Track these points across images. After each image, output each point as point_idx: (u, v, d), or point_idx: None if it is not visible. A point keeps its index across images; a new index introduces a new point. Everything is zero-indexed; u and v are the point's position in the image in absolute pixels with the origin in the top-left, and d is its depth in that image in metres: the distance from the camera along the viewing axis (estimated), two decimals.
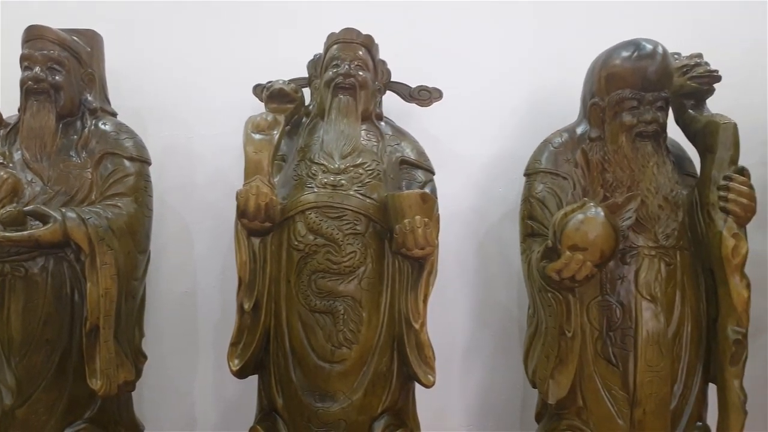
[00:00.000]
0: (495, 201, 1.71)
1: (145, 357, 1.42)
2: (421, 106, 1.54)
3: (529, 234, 1.37)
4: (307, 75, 1.51)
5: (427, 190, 1.41)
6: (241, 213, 1.21)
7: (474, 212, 1.73)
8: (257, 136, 1.26)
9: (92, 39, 1.44)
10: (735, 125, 1.29)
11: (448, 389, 1.71)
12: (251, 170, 1.23)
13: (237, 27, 1.71)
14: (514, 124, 1.74)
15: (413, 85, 1.55)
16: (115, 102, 1.58)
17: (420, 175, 1.43)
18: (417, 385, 1.64)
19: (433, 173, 1.47)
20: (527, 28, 1.75)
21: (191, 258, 1.71)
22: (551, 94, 1.69)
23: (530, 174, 1.41)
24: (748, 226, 1.67)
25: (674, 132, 1.45)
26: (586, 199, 1.24)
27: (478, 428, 1.71)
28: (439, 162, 1.68)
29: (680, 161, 1.41)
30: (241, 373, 1.27)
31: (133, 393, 1.59)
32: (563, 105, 1.54)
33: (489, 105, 1.74)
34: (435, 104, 1.60)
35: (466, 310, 1.73)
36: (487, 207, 1.72)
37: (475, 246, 1.73)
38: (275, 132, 1.28)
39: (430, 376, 1.25)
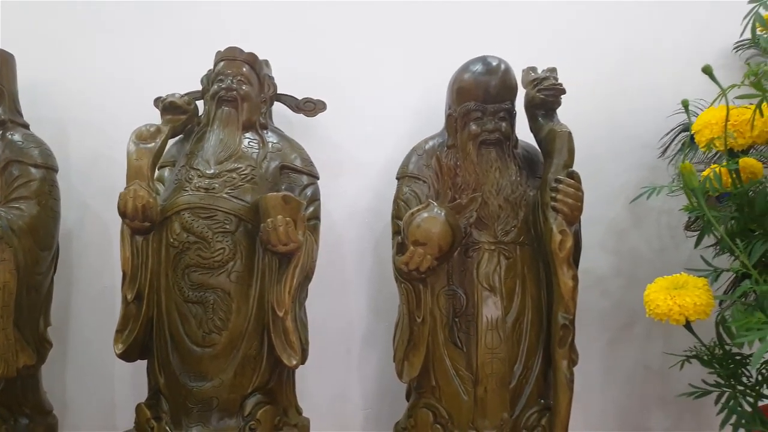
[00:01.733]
0: (389, 202, 1.82)
1: (50, 344, 1.56)
2: (308, 116, 1.67)
3: (396, 232, 1.51)
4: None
5: (308, 192, 1.56)
6: (122, 213, 1.36)
7: (371, 212, 1.87)
8: (140, 145, 1.40)
9: (1, 58, 1.57)
10: (569, 133, 1.42)
11: (347, 376, 1.87)
12: (132, 175, 1.37)
13: (147, 46, 1.87)
14: (410, 132, 1.87)
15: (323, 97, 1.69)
16: (40, 114, 1.74)
17: (304, 179, 1.57)
18: (320, 374, 1.81)
19: (317, 178, 1.61)
20: (423, 39, 1.88)
21: (111, 256, 1.85)
22: (442, 104, 1.84)
23: (399, 178, 1.56)
24: (637, 224, 1.85)
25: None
26: (430, 200, 1.39)
27: (375, 410, 1.85)
28: (342, 167, 1.86)
29: (535, 165, 1.55)
30: (125, 356, 1.41)
31: (57, 380, 1.76)
32: None
33: (386, 113, 1.88)
34: (338, 114, 1.76)
35: (364, 302, 1.87)
36: (382, 207, 1.83)
37: (372, 243, 1.88)
38: (157, 141, 1.42)
39: (293, 359, 1.37)
